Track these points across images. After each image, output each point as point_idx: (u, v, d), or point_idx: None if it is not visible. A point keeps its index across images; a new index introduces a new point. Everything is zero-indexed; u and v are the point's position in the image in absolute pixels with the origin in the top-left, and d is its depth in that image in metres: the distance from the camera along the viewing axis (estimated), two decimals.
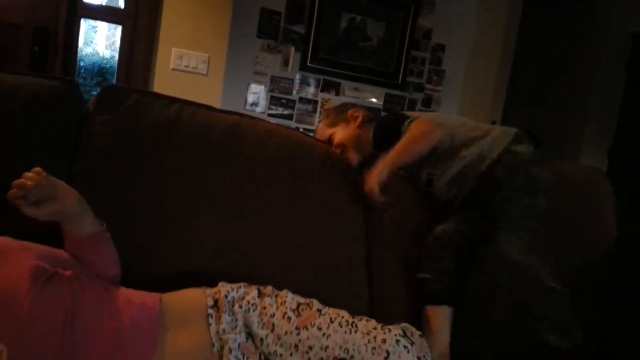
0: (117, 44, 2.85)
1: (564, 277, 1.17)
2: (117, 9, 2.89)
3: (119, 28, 2.76)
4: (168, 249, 1.12)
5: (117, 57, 2.90)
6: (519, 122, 3.39)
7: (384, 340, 0.92)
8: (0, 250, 0.85)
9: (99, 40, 5.39)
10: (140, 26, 2.71)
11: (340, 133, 1.40)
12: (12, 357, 0.75)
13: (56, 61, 2.57)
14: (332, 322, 0.95)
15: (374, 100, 3.38)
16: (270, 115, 3.22)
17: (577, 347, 1.11)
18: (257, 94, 3.25)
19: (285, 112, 3.27)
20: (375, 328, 0.95)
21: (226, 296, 0.99)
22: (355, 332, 0.94)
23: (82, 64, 4.16)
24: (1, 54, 2.43)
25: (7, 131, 1.07)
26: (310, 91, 3.32)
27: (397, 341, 0.92)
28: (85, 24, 4.56)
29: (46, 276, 0.84)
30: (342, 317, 0.97)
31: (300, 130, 2.37)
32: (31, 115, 1.11)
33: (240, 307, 0.97)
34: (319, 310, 0.98)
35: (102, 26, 5.27)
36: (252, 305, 0.98)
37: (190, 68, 2.90)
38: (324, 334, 0.93)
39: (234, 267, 1.13)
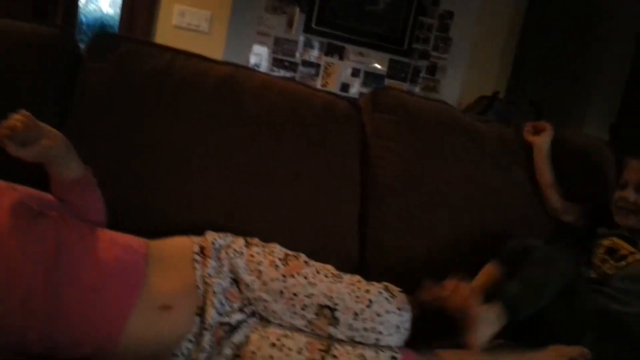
0: (120, 1, 2.80)
1: None
2: None
3: None
4: (158, 199, 1.12)
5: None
6: (523, 93, 3.36)
7: (367, 291, 0.93)
8: None
9: None
10: None
11: None
12: None
13: (57, 13, 2.54)
14: (318, 273, 0.97)
15: (377, 66, 3.33)
16: None
17: None
18: (259, 55, 3.21)
19: (288, 74, 3.23)
20: (359, 281, 0.97)
21: (213, 243, 1.00)
22: (340, 282, 0.95)
23: (84, 19, 4.11)
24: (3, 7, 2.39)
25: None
26: (314, 54, 3.27)
27: (380, 292, 0.93)
28: None
29: (32, 214, 0.85)
30: (328, 270, 0.99)
31: None
32: (24, 59, 1.10)
33: (227, 253, 0.98)
34: (306, 262, 1.00)
35: None
36: (239, 253, 0.99)
37: (193, 25, 2.86)
38: (309, 283, 0.94)
39: (225, 221, 1.13)
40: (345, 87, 3.32)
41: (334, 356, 0.88)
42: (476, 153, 1.33)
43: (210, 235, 1.02)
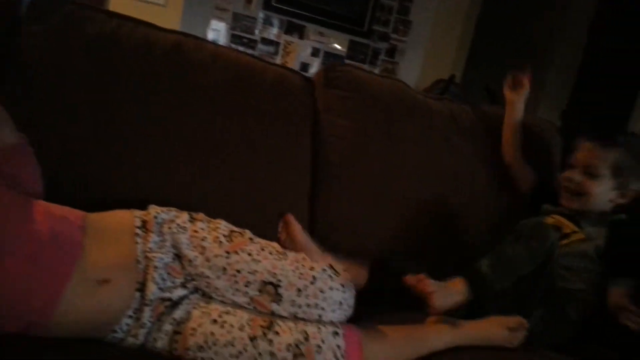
0: None
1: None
2: None
3: None
4: (99, 171, 1.08)
5: None
6: (479, 77, 3.42)
7: (311, 268, 0.93)
8: None
9: None
10: None
11: (604, 187, 1.20)
12: None
13: None
14: (262, 250, 0.95)
15: (337, 46, 3.32)
16: None
17: None
18: (217, 31, 3.13)
19: (247, 52, 3.18)
20: (304, 259, 0.96)
21: (155, 217, 0.97)
22: (285, 259, 0.94)
23: None
24: None
25: None
26: (273, 32, 3.22)
27: (324, 270, 0.93)
28: None
29: None
30: (274, 247, 0.98)
31: None
32: None
33: (170, 228, 0.96)
34: (251, 239, 0.98)
35: None
36: (183, 228, 0.96)
37: None
38: (253, 260, 0.93)
39: (169, 195, 1.10)
40: (304, 66, 3.29)
41: (276, 332, 0.87)
42: (427, 129, 1.34)
43: (153, 209, 0.99)
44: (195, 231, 0.96)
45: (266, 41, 3.22)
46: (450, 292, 1.05)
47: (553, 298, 1.13)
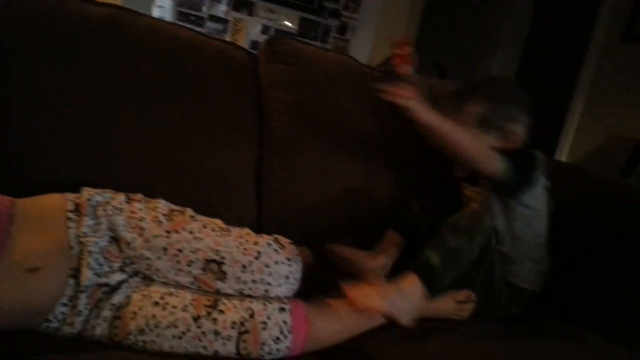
0: None
1: None
2: None
3: None
4: (28, 153, 1.01)
5: None
6: (430, 53, 3.45)
7: (255, 243, 0.91)
8: None
9: None
10: None
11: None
12: None
13: None
14: (205, 227, 0.92)
15: (288, 24, 3.26)
16: None
17: None
18: (163, 8, 3.02)
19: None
20: (248, 234, 0.94)
21: (89, 200, 0.92)
22: (228, 236, 0.91)
23: None
24: None
25: None
26: (221, 9, 3.13)
27: (269, 244, 0.91)
28: None
29: None
30: (216, 224, 0.95)
31: None
32: None
33: (105, 210, 0.91)
34: (192, 217, 0.95)
35: None
36: (119, 209, 0.92)
37: None
38: (195, 238, 0.90)
39: (106, 177, 1.04)
40: (255, 45, 3.22)
41: (221, 311, 0.85)
42: (373, 103, 1.32)
43: (87, 192, 0.94)
44: (133, 212, 0.92)
45: (214, 18, 3.13)
46: (405, 292, 0.98)
47: (494, 277, 1.13)
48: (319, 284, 1.00)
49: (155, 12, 2.98)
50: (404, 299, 0.97)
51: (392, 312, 0.96)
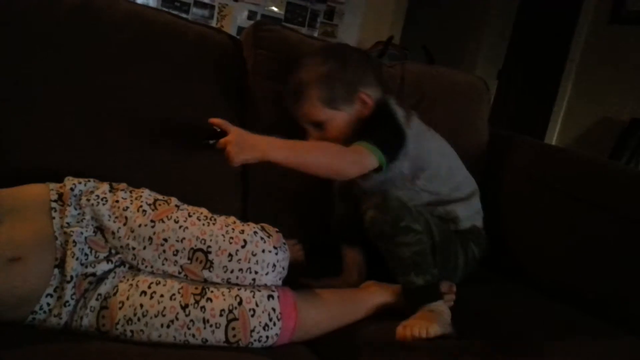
0: None
1: None
2: None
3: None
4: (7, 143, 0.99)
5: None
6: (418, 39, 3.43)
7: (242, 231, 0.90)
8: None
9: None
10: None
11: (337, 120, 1.10)
12: None
13: None
14: (190, 216, 0.91)
15: (275, 9, 3.22)
16: None
17: None
18: None
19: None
20: (234, 222, 0.93)
21: (72, 189, 0.91)
22: (214, 224, 0.91)
23: None
24: None
25: None
26: None
27: (255, 232, 0.90)
28: None
29: None
30: (201, 212, 0.94)
31: None
32: None
33: (89, 200, 0.90)
34: (177, 206, 0.94)
35: None
36: (102, 199, 0.91)
37: None
38: (180, 227, 0.89)
39: (87, 167, 1.01)
40: (241, 31, 3.18)
41: (209, 299, 0.85)
42: None
43: (70, 181, 0.92)
44: (117, 201, 0.91)
45: (200, 4, 3.08)
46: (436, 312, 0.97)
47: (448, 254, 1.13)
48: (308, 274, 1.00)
49: None
50: (441, 316, 0.97)
51: (445, 330, 0.94)
